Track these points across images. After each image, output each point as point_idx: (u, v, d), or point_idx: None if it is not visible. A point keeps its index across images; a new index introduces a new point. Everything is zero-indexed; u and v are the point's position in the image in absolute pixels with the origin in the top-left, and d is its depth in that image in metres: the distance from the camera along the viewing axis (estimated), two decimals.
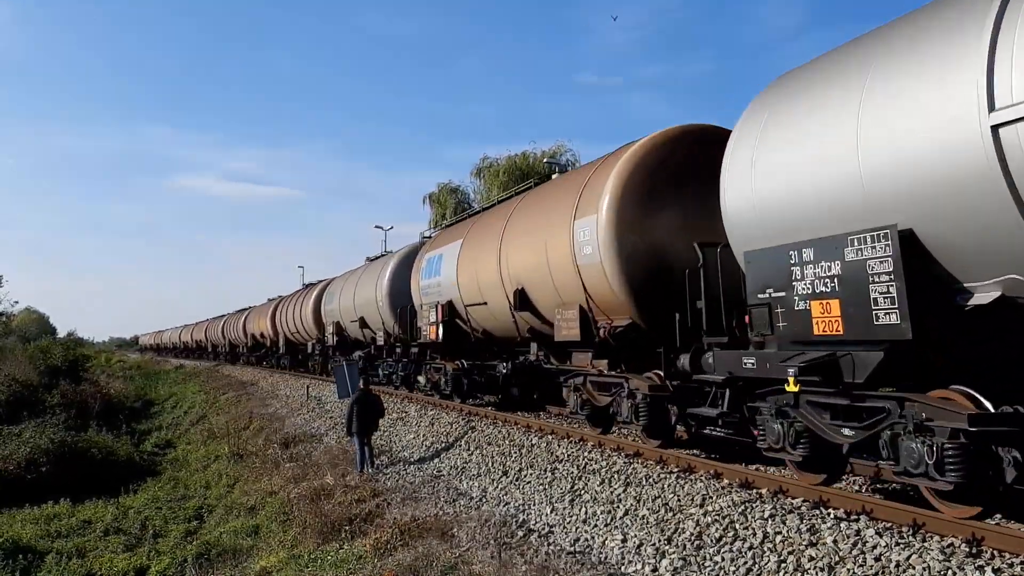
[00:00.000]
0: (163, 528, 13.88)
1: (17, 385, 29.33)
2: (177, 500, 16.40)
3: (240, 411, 26.91)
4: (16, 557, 12.07)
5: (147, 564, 11.83)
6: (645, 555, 7.24)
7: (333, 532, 10.36)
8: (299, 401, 25.14)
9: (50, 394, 29.77)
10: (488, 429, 13.91)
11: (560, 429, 12.63)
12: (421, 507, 10.48)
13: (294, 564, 9.48)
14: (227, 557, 11.21)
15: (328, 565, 8.98)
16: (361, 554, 9.06)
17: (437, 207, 41.82)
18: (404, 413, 17.96)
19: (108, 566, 11.87)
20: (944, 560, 5.55)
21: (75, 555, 12.56)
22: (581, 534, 8.29)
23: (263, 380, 35.95)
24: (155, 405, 38.68)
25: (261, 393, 31.13)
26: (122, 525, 14.45)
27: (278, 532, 11.66)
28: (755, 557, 6.49)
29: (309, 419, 21.29)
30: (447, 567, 7.86)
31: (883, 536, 6.14)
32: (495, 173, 38.55)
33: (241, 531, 12.44)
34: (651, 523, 7.82)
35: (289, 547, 10.50)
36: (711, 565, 6.66)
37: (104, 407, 30.03)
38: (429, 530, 9.21)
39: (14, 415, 25.24)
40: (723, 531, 7.10)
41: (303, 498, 12.37)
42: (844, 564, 5.89)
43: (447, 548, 8.45)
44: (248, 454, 18.67)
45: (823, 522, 6.67)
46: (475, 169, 40.71)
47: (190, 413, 32.12)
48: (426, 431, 15.57)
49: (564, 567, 7.34)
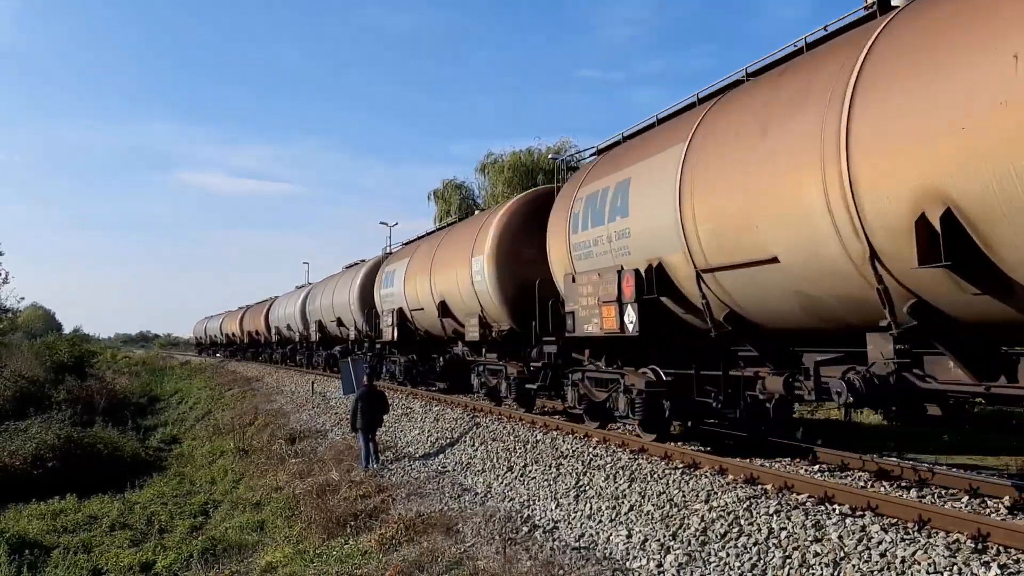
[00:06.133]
0: (169, 523, 13.91)
1: (23, 381, 29.39)
2: (183, 496, 16.44)
3: (245, 407, 26.99)
4: (23, 552, 12.10)
5: (153, 559, 11.87)
6: (650, 550, 7.25)
7: (338, 528, 10.39)
8: (304, 397, 25.21)
9: (56, 390, 29.79)
10: (492, 425, 13.93)
11: (565, 425, 12.65)
12: (426, 503, 10.51)
13: (299, 559, 9.51)
14: (233, 552, 11.23)
15: (333, 560, 9.00)
16: (366, 549, 9.08)
17: (442, 203, 41.80)
18: (409, 409, 17.99)
19: (114, 561, 11.90)
20: (950, 556, 5.54)
21: (81, 550, 12.59)
22: (586, 530, 8.30)
23: (268, 376, 36.03)
24: (161, 401, 38.75)
25: (266, 389, 31.20)
26: (128, 520, 14.49)
27: (283, 528, 11.70)
28: (760, 553, 6.48)
29: (314, 415, 21.33)
30: (452, 562, 7.88)
31: (888, 532, 6.13)
32: (499, 169, 38.44)
33: (247, 526, 12.48)
34: (656, 519, 7.82)
35: (294, 543, 10.53)
36: (716, 561, 6.66)
37: (110, 403, 30.04)
38: (434, 526, 9.23)
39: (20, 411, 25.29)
40: (728, 527, 7.10)
41: (308, 494, 12.41)
42: (849, 560, 5.88)
43: (452, 544, 8.47)
44: (253, 450, 18.72)
45: (828, 518, 6.66)
46: (480, 165, 40.62)
47: (195, 409, 32.19)
48: (431, 427, 15.60)
49: (569, 562, 7.35)
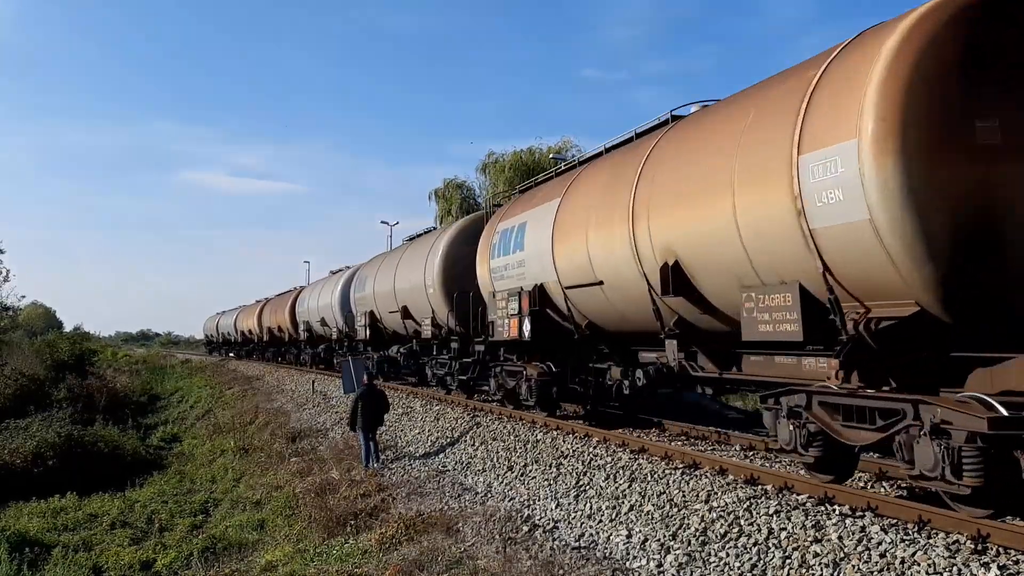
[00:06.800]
0: (169, 522, 13.94)
1: (24, 379, 29.40)
2: (183, 494, 16.46)
3: (246, 406, 27.02)
4: (23, 550, 12.13)
5: (153, 557, 11.89)
6: (650, 550, 7.26)
7: (339, 526, 10.41)
8: (304, 396, 25.23)
9: (56, 388, 29.80)
10: (493, 425, 13.93)
11: (566, 425, 12.65)
12: (426, 502, 10.52)
13: (300, 558, 9.53)
14: (233, 551, 11.26)
15: (333, 559, 9.02)
16: (366, 548, 9.10)
17: (443, 203, 41.78)
18: (409, 408, 18.00)
19: (114, 559, 11.93)
20: (949, 557, 5.54)
21: (82, 548, 12.62)
22: (586, 529, 8.30)
23: (268, 375, 36.05)
24: (161, 399, 38.77)
25: (267, 388, 31.22)
26: (128, 519, 14.52)
27: (284, 526, 11.72)
28: (760, 553, 6.49)
29: (315, 414, 21.35)
30: (452, 562, 7.90)
31: (888, 532, 6.13)
32: (500, 169, 38.44)
33: (247, 525, 12.50)
34: (656, 519, 7.82)
35: (295, 541, 10.55)
36: (716, 561, 6.67)
37: (110, 401, 30.09)
38: (434, 525, 9.25)
39: (21, 409, 25.31)
40: (728, 527, 7.10)
41: (309, 492, 12.43)
42: (849, 560, 5.89)
43: (452, 543, 8.49)
44: (254, 448, 18.75)
45: (828, 518, 6.66)
46: (481, 165, 40.62)
47: (196, 407, 32.21)
48: (431, 426, 15.61)
49: (569, 562, 7.36)
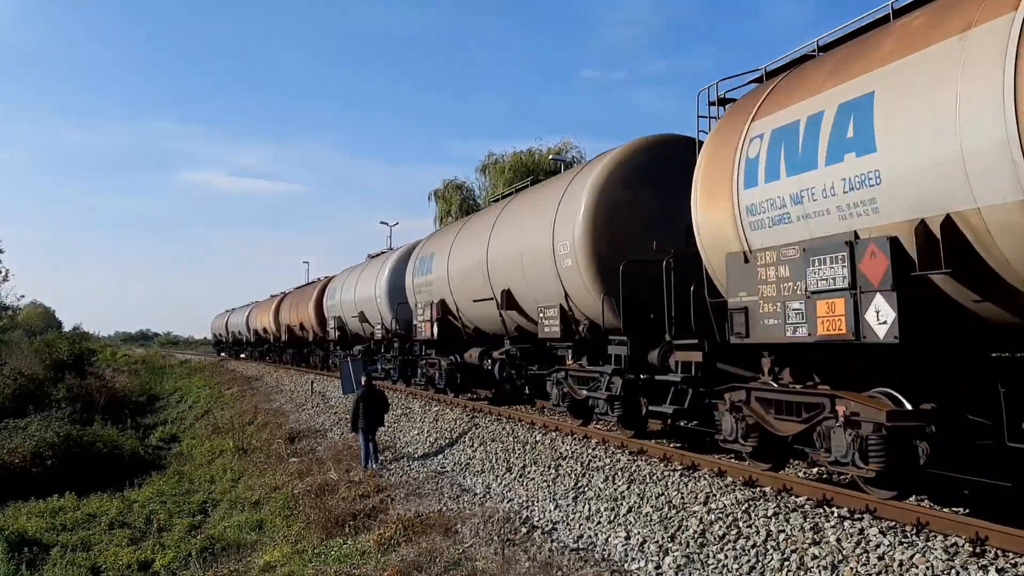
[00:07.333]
0: (168, 522, 13.93)
1: (23, 379, 29.42)
2: (182, 494, 16.46)
3: (245, 406, 27.01)
4: (22, 550, 12.13)
5: (152, 558, 11.89)
6: (648, 552, 7.26)
7: (337, 527, 10.41)
8: (303, 396, 25.22)
9: (56, 388, 29.82)
10: (492, 426, 13.93)
11: (564, 426, 12.66)
12: (425, 503, 10.51)
13: (298, 559, 9.52)
14: (231, 551, 11.25)
15: (332, 560, 9.02)
16: (365, 549, 9.09)
17: (442, 203, 41.81)
18: (408, 409, 18.00)
19: (113, 559, 11.93)
20: (947, 559, 5.54)
21: (80, 548, 12.62)
22: (584, 531, 8.30)
23: (268, 375, 36.06)
24: (160, 399, 38.76)
25: (265, 388, 31.23)
26: (127, 519, 14.52)
27: (282, 527, 11.71)
28: (758, 555, 6.49)
29: (313, 414, 21.35)
30: (450, 563, 7.89)
31: (886, 535, 6.13)
32: (500, 170, 38.47)
33: (246, 526, 12.50)
34: (654, 520, 7.82)
35: (293, 542, 10.54)
36: (714, 563, 6.67)
37: (109, 401, 30.10)
38: (433, 526, 9.24)
39: (20, 409, 25.34)
40: (726, 529, 7.10)
41: (307, 493, 12.42)
42: (847, 563, 5.89)
43: (451, 544, 8.48)
44: (253, 449, 18.73)
45: (826, 520, 6.67)
46: (480, 166, 40.68)
47: (195, 408, 32.20)
48: (430, 427, 15.60)
49: (567, 564, 7.35)
